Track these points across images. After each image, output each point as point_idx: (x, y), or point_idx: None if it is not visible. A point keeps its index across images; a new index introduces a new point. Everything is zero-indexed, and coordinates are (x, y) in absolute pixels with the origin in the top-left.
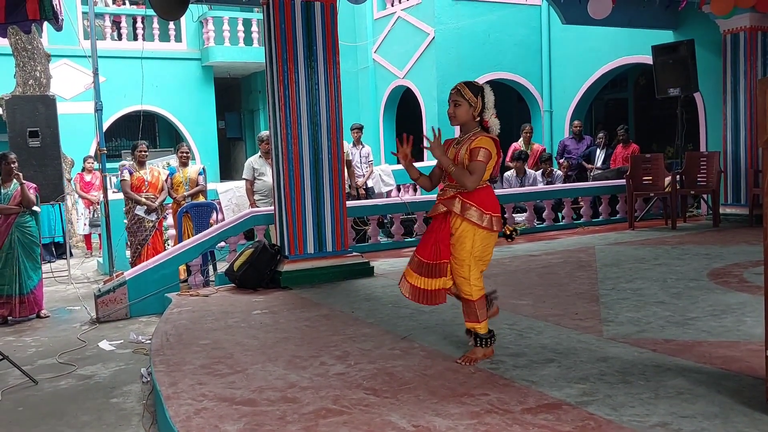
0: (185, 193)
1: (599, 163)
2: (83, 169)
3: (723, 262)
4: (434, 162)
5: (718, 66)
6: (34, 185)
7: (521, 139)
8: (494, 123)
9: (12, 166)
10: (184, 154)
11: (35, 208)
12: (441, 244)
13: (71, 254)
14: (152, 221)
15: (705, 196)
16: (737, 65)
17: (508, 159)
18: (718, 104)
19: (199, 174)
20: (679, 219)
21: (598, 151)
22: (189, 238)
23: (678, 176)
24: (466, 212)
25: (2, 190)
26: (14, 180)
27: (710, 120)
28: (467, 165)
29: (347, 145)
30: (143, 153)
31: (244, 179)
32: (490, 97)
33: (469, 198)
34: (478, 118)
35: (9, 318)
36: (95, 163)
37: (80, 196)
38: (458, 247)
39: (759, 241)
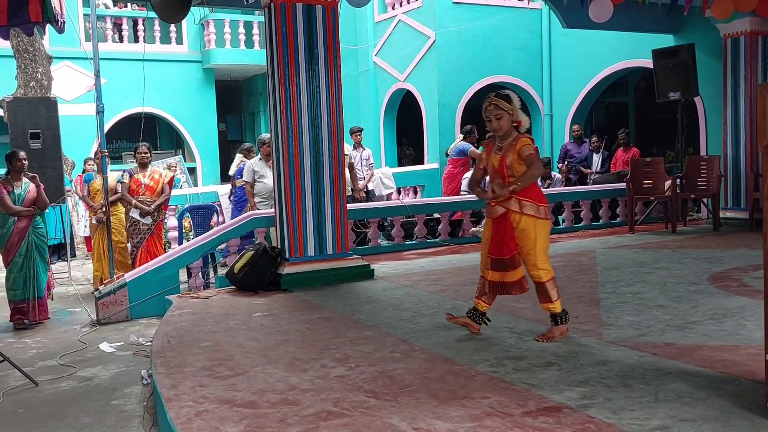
0: (102, 202)
1: (596, 167)
2: (83, 171)
3: (723, 266)
4: (430, 166)
5: (718, 70)
6: (42, 184)
7: None
8: (525, 120)
9: (22, 163)
10: (143, 155)
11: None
12: (507, 239)
13: (74, 255)
14: (147, 224)
15: (705, 200)
16: (737, 69)
17: None
18: (718, 108)
19: (118, 181)
20: (680, 223)
21: (595, 155)
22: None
23: (678, 180)
24: (524, 208)
25: (15, 190)
26: (23, 179)
27: (710, 124)
28: (524, 159)
29: (348, 148)
30: (144, 155)
31: (245, 182)
32: (516, 100)
33: (523, 195)
34: (514, 123)
35: (26, 321)
36: (95, 165)
37: (80, 198)
38: (524, 240)
39: (759, 246)
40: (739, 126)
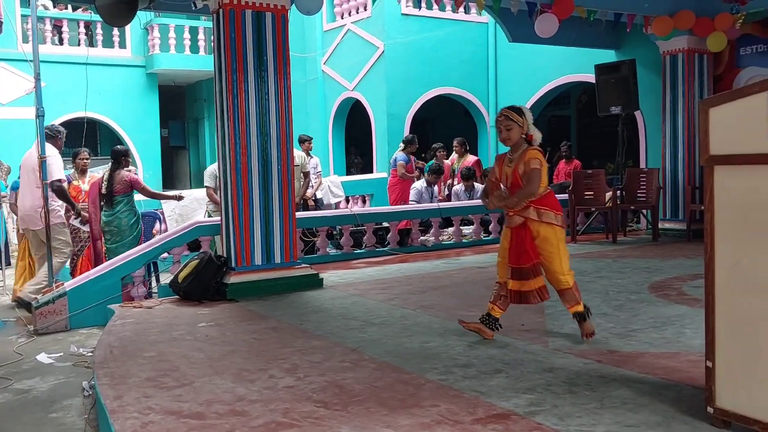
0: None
1: None
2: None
3: (662, 275)
4: (379, 175)
5: (657, 85)
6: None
7: (453, 153)
8: (537, 135)
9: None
10: (84, 161)
11: None
12: (528, 248)
13: (9, 264)
14: (87, 232)
15: (645, 211)
16: (676, 85)
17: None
18: (657, 122)
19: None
20: (620, 233)
21: None
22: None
23: (618, 192)
24: (543, 216)
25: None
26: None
27: (650, 137)
28: (525, 172)
29: (301, 155)
30: (85, 161)
31: (206, 187)
32: (529, 114)
33: (540, 204)
34: (524, 135)
35: None
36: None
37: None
38: (546, 247)
39: (696, 255)
40: (677, 140)
